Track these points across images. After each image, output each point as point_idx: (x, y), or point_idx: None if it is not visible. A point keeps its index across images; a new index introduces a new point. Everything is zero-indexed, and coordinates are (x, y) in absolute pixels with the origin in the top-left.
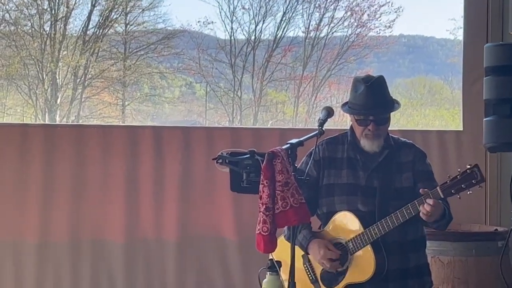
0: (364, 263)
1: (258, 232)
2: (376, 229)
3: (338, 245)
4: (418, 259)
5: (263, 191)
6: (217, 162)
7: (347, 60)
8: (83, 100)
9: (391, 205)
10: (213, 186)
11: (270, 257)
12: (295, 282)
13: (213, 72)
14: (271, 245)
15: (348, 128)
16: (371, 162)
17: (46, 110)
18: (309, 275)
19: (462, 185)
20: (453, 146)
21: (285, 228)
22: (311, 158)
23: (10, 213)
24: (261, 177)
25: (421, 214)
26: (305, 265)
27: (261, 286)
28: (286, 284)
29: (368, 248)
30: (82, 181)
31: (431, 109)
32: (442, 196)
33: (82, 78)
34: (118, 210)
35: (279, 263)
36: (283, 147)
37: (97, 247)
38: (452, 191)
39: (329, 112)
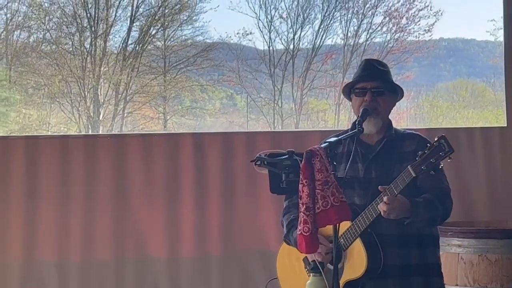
0: (356, 259)
1: (299, 232)
2: (361, 220)
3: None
4: (425, 257)
5: (303, 191)
6: (255, 164)
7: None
8: (125, 115)
9: None
10: (256, 194)
11: (312, 258)
12: (339, 283)
13: (253, 82)
14: (312, 246)
15: None
16: (370, 153)
17: (89, 126)
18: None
19: (431, 160)
20: (497, 142)
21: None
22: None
23: (53, 232)
24: (301, 176)
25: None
26: (306, 269)
27: None
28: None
29: (358, 242)
30: (123, 195)
31: (474, 111)
32: (414, 175)
33: (124, 94)
34: (161, 224)
35: (322, 264)
36: (322, 145)
37: (140, 263)
38: (422, 167)
39: (367, 111)
